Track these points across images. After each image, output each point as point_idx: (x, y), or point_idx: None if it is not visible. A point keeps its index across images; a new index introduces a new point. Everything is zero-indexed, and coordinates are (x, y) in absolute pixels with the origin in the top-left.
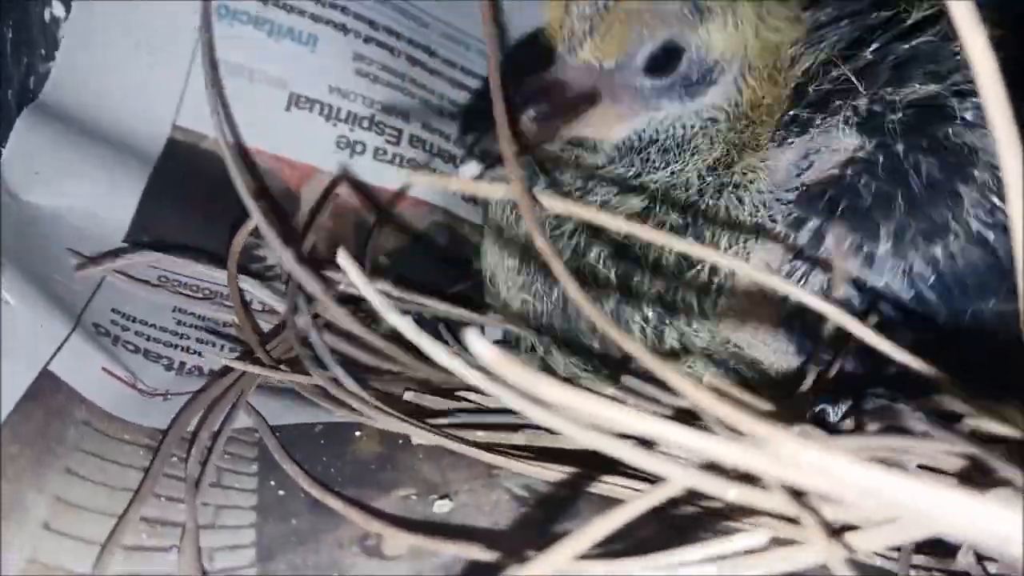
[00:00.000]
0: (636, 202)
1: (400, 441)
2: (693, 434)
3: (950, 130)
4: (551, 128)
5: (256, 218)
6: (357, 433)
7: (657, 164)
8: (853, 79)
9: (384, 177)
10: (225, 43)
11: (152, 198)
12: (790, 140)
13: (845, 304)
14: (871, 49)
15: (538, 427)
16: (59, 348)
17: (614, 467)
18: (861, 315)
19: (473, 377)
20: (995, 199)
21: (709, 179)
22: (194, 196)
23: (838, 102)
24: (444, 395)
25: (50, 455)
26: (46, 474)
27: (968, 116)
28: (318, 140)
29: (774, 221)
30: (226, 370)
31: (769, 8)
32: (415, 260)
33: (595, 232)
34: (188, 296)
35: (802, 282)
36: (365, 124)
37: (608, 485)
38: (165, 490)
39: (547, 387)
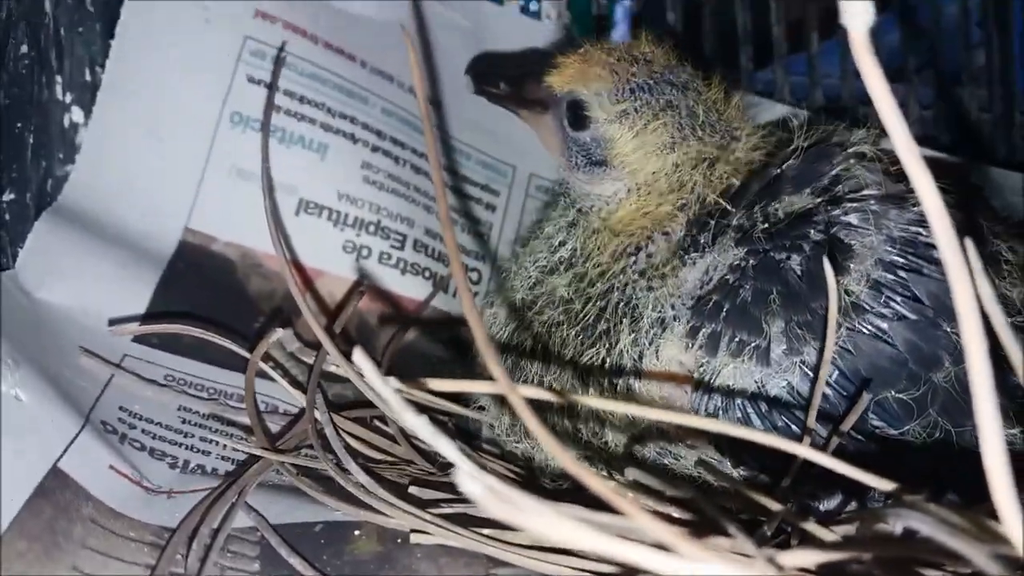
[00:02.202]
0: (559, 286)
1: (399, 540)
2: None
3: (813, 230)
4: (510, 99)
5: (317, 331)
6: (356, 532)
7: (567, 238)
8: (721, 201)
9: (388, 281)
10: (238, 149)
11: (162, 299)
12: (693, 260)
13: (751, 406)
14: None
15: None
16: (69, 445)
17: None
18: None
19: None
20: (887, 292)
21: (608, 280)
22: (202, 297)
23: (723, 222)
24: (447, 489)
25: (57, 551)
26: (54, 570)
27: (843, 219)
28: (326, 244)
29: (676, 320)
30: (230, 469)
31: (712, 163)
32: (417, 360)
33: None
34: (193, 396)
35: (707, 388)
36: (371, 229)
37: None
38: None
39: (531, 519)
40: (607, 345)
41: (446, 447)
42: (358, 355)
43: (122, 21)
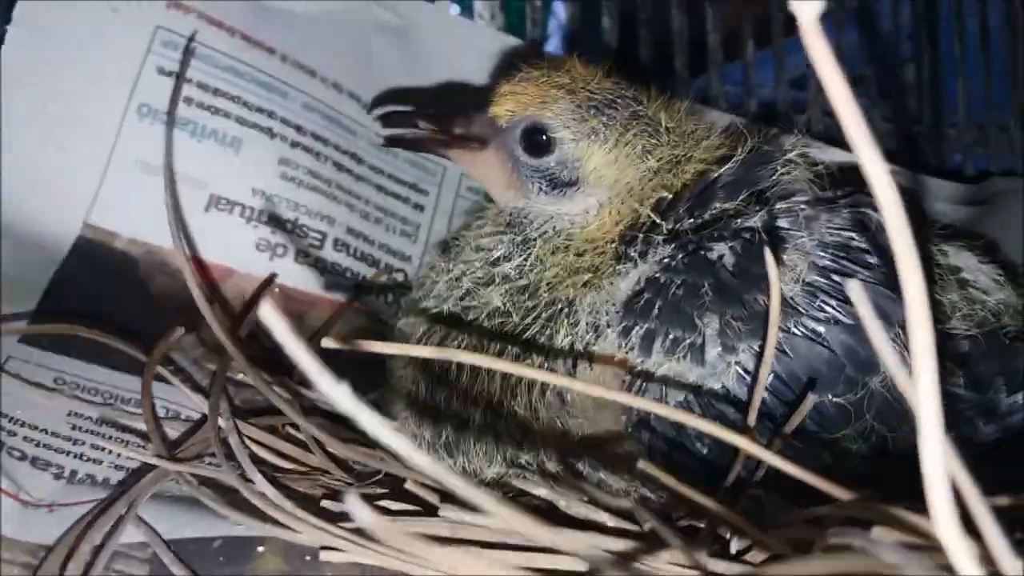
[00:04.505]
0: (495, 298)
1: (307, 557)
2: None
3: (744, 223)
4: (435, 138)
5: (218, 332)
6: (260, 548)
7: (515, 254)
8: (650, 213)
9: (306, 281)
10: (145, 143)
11: (54, 298)
12: (626, 271)
13: (686, 408)
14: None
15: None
16: None
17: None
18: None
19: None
20: (821, 295)
21: (558, 303)
22: (100, 296)
23: (654, 235)
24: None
25: None
26: None
27: (774, 223)
28: (237, 241)
29: (609, 327)
30: (120, 479)
31: (672, 167)
32: (337, 364)
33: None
34: (86, 400)
35: (641, 390)
36: (288, 227)
37: None
38: None
39: (419, 547)
40: (544, 354)
41: (368, 419)
42: (266, 310)
43: (20, 5)
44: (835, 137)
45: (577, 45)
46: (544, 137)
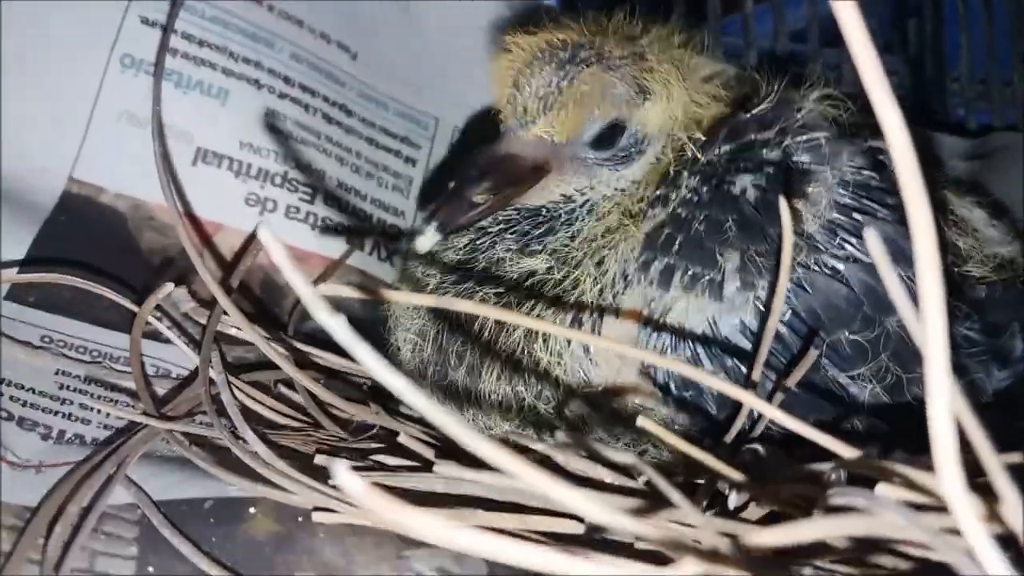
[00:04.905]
0: (529, 262)
1: (299, 519)
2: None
3: (773, 153)
4: (506, 198)
5: (211, 285)
6: (251, 510)
7: (562, 225)
8: (692, 147)
9: (296, 236)
10: (129, 95)
11: (39, 255)
12: (655, 213)
13: (701, 346)
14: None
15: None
16: None
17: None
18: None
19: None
20: (842, 233)
21: (596, 251)
22: (87, 253)
23: (685, 172)
24: (359, 458)
25: None
26: None
27: (795, 157)
28: (226, 196)
29: (631, 271)
30: (108, 438)
31: (696, 86)
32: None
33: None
34: (74, 359)
35: (659, 331)
36: (277, 181)
37: None
38: None
39: (412, 518)
40: (572, 307)
41: (365, 355)
42: (264, 234)
43: None
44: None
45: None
46: (613, 129)
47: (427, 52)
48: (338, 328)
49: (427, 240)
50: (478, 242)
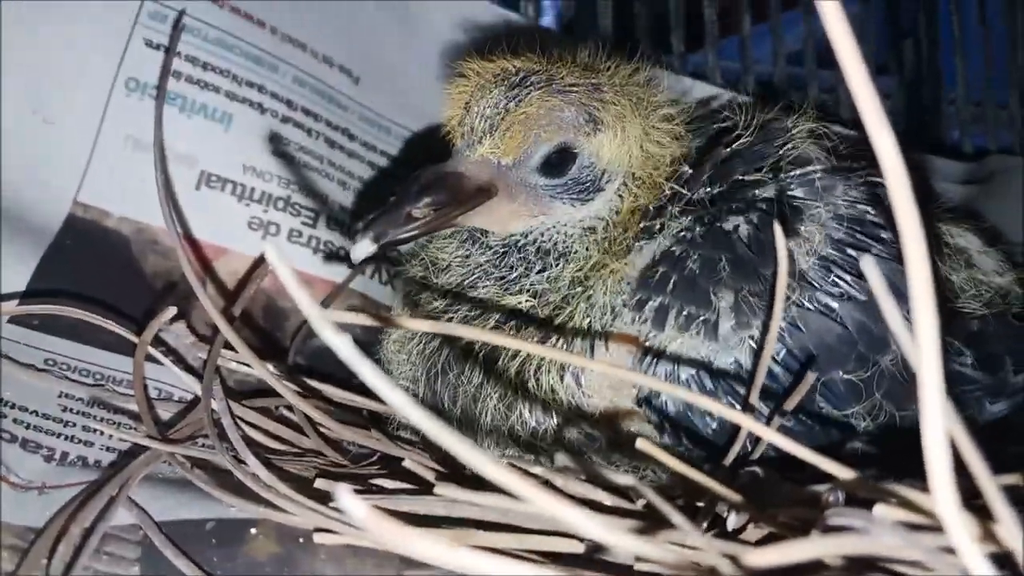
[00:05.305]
0: (512, 301)
1: (300, 540)
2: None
3: (767, 190)
4: (446, 216)
5: (212, 312)
6: (252, 531)
7: (534, 267)
8: (674, 185)
9: (299, 260)
10: (134, 118)
11: (44, 278)
12: (640, 246)
13: (696, 384)
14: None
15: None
16: None
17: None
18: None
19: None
20: (836, 270)
21: (579, 286)
22: (92, 276)
23: (671, 208)
24: (359, 483)
25: None
26: None
27: (789, 192)
28: (229, 220)
29: (625, 306)
30: (111, 460)
31: (654, 124)
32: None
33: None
34: (77, 381)
35: (652, 364)
36: (280, 205)
37: None
38: None
39: (413, 539)
40: (562, 336)
41: (368, 372)
42: (271, 254)
43: None
44: (834, 114)
45: (572, 20)
46: (562, 154)
47: (428, 76)
48: (342, 346)
49: (360, 250)
50: (465, 283)
